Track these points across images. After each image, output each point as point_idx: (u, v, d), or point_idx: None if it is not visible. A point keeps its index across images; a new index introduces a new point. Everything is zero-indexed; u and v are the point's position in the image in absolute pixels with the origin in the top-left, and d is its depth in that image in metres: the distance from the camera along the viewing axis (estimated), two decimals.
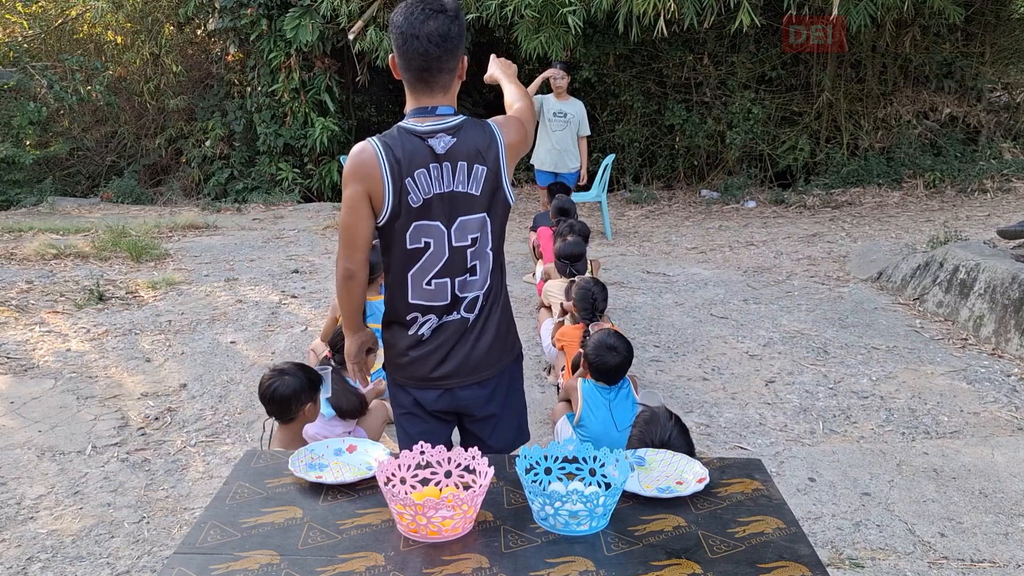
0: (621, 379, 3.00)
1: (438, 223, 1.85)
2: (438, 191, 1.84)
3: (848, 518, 2.86)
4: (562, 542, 1.46)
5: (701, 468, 1.71)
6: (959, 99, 10.26)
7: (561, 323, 4.06)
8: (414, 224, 1.85)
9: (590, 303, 3.58)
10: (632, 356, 3.02)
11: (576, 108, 6.89)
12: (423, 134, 1.83)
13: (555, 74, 6.63)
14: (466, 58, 1.87)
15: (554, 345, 3.87)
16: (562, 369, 3.72)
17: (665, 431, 2.02)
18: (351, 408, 2.94)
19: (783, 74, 10.44)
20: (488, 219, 1.89)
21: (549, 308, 4.61)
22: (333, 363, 3.08)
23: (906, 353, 4.49)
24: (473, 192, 1.85)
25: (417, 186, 1.82)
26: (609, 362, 2.94)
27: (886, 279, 5.89)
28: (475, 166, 1.84)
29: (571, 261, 4.48)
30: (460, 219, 1.86)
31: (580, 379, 3.06)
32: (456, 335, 1.94)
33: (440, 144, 1.82)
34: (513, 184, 11.69)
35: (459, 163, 1.83)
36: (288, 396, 2.66)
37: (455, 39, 1.80)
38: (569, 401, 3.22)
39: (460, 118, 1.86)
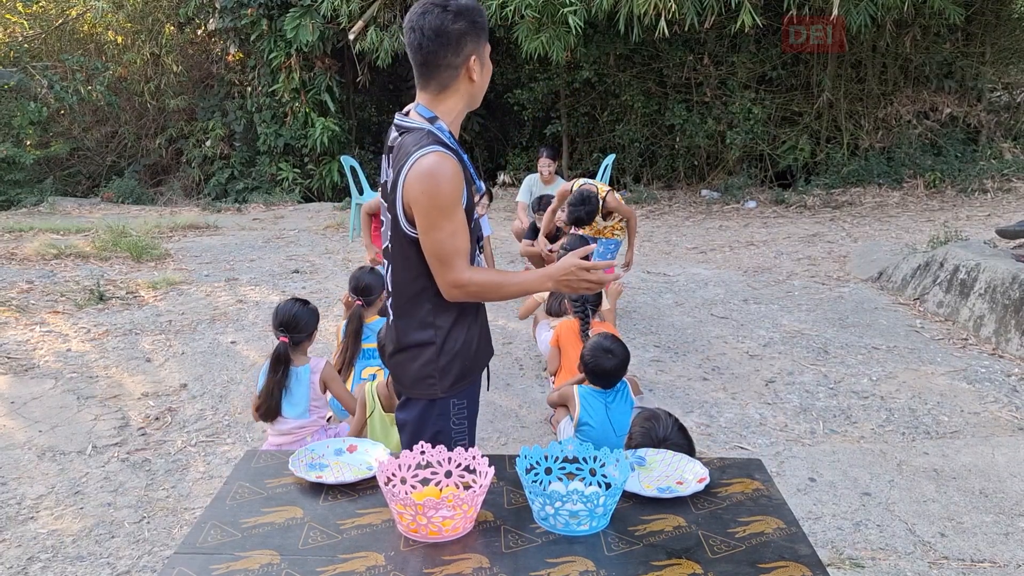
0: (618, 382, 3.00)
1: (387, 212, 1.91)
2: (382, 179, 1.94)
3: (848, 518, 2.86)
4: (562, 542, 1.46)
5: (701, 468, 1.71)
6: (959, 99, 10.26)
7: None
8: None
9: (579, 297, 3.60)
10: (628, 359, 3.01)
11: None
12: (394, 122, 1.92)
13: (542, 165, 6.10)
14: (474, 59, 1.81)
15: (551, 343, 3.86)
16: (552, 375, 3.71)
17: (667, 427, 2.02)
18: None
19: (783, 74, 10.44)
20: (392, 224, 1.89)
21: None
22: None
23: (906, 353, 4.49)
24: (388, 191, 1.88)
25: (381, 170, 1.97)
26: (605, 365, 2.94)
27: (886, 279, 5.88)
28: (392, 170, 1.86)
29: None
30: (389, 213, 1.90)
31: (577, 386, 3.06)
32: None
33: (390, 136, 1.90)
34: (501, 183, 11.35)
35: (390, 159, 1.90)
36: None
37: (451, 35, 1.79)
38: (565, 407, 3.21)
39: (416, 124, 1.85)
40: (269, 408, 2.87)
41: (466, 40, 1.79)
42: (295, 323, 2.89)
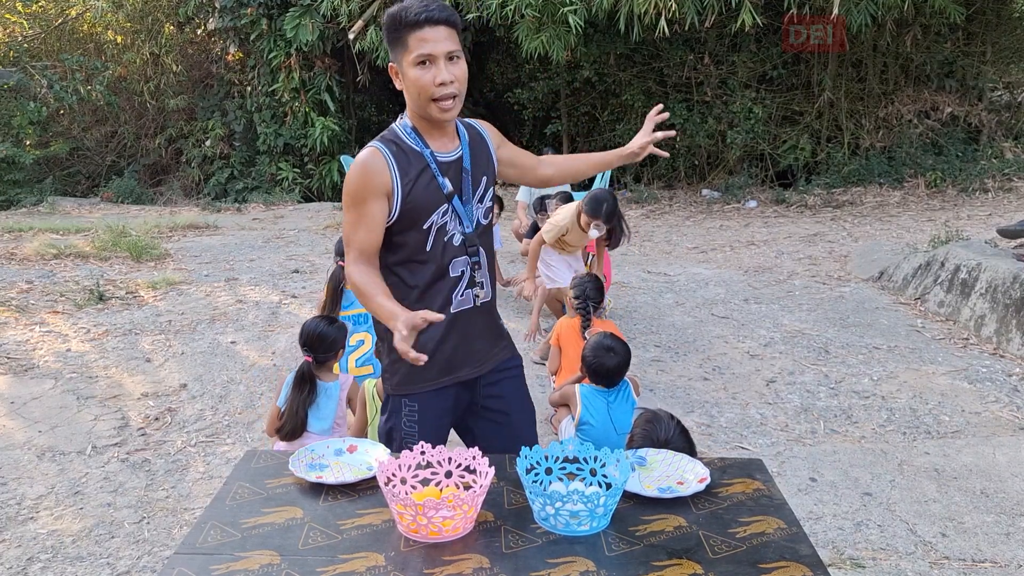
0: (620, 381, 3.00)
1: None
2: None
3: (849, 518, 2.85)
4: (563, 542, 1.46)
5: (702, 468, 1.70)
6: (960, 98, 10.26)
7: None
8: None
9: (581, 293, 3.62)
10: (630, 357, 3.01)
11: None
12: None
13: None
14: (391, 65, 1.87)
15: (552, 343, 3.86)
16: (553, 375, 3.70)
17: (668, 429, 2.01)
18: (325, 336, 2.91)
19: (784, 73, 10.44)
20: None
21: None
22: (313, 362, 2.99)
23: (907, 353, 4.48)
24: None
25: None
26: (607, 364, 2.93)
27: (887, 279, 5.88)
28: None
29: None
30: None
31: (578, 385, 3.05)
32: None
33: None
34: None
35: None
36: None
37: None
38: (567, 406, 3.21)
39: (394, 123, 1.96)
40: (294, 428, 2.78)
41: (389, 47, 1.86)
42: (320, 342, 2.82)
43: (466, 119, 2.05)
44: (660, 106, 2.15)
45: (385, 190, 1.83)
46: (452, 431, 2.15)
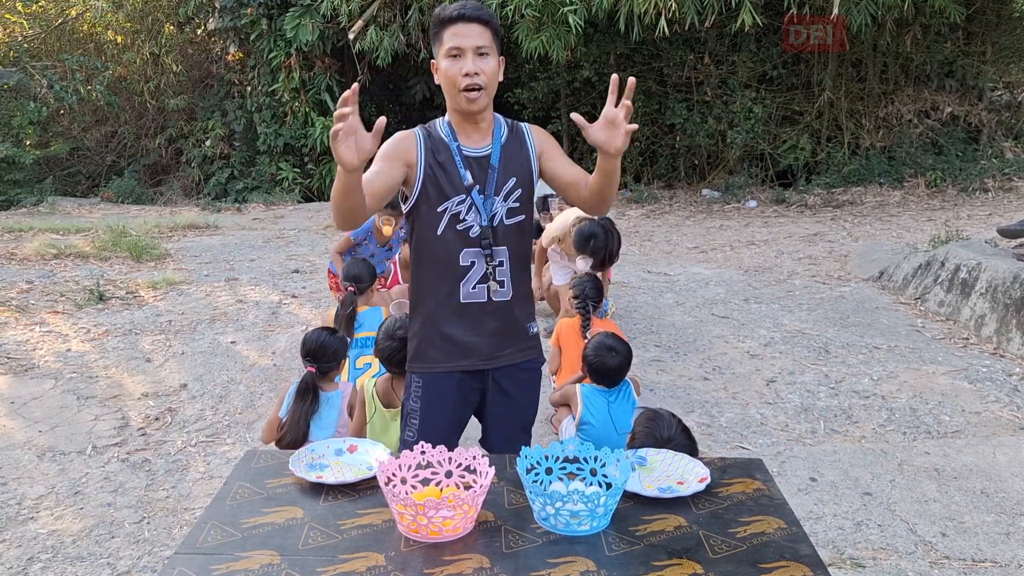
0: (621, 381, 3.00)
1: None
2: None
3: (849, 518, 2.85)
4: (563, 542, 1.46)
5: (702, 468, 1.70)
6: (960, 98, 10.25)
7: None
8: None
9: (580, 292, 3.63)
10: (631, 357, 3.01)
11: None
12: None
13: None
14: (433, 62, 2.02)
15: (552, 343, 3.86)
16: (553, 375, 3.71)
17: (670, 427, 2.02)
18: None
19: (784, 73, 10.43)
20: None
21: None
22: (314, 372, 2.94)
23: (907, 352, 4.48)
24: None
25: None
26: (608, 363, 2.93)
27: (887, 278, 5.88)
28: None
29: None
30: None
31: (579, 385, 3.05)
32: None
33: None
34: None
35: None
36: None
37: None
38: (567, 406, 3.21)
39: None
40: (295, 439, 2.73)
41: (431, 44, 2.00)
42: (322, 353, 2.81)
43: (518, 122, 2.11)
44: (616, 76, 1.78)
45: (407, 159, 1.99)
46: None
